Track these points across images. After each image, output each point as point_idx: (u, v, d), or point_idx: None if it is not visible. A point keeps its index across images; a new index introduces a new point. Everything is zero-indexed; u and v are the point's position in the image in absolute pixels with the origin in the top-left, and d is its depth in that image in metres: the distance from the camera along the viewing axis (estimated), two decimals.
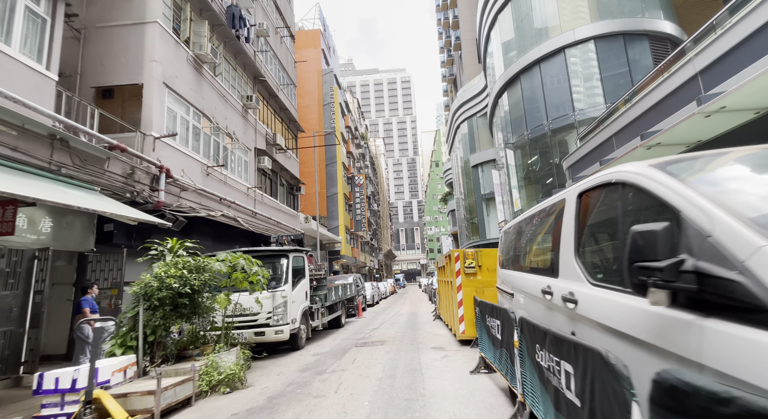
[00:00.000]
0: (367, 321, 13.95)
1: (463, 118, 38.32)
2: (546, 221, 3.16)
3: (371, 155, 59.96)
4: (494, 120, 29.33)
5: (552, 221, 2.93)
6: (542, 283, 2.91)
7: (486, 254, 8.10)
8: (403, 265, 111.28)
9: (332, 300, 11.32)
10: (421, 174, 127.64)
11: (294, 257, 8.93)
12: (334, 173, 34.45)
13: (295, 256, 9.00)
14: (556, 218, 2.83)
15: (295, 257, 8.99)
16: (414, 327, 11.44)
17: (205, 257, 6.19)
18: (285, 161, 18.09)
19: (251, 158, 14.45)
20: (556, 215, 2.84)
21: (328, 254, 32.85)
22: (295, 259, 9.07)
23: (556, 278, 2.68)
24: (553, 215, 2.93)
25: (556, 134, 21.35)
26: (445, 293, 10.45)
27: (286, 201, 18.48)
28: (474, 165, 36.29)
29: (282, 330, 8.01)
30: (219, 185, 11.85)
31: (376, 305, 23.29)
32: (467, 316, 7.86)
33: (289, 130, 19.38)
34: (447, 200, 57.05)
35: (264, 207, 15.22)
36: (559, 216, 2.75)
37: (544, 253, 3.03)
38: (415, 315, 15.36)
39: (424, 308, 18.03)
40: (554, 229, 2.83)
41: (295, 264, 9.17)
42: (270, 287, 8.17)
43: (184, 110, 10.38)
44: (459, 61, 47.46)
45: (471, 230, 37.33)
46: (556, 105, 21.18)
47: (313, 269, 11.06)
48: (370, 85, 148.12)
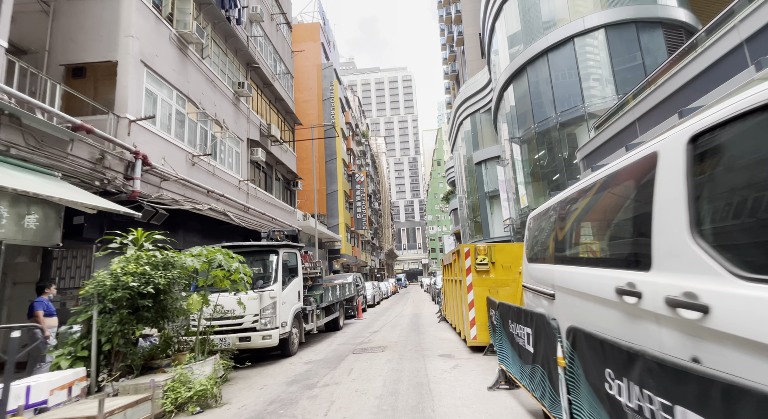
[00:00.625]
0: (367, 323, 13.04)
1: (466, 114, 37.44)
2: (614, 193, 2.23)
3: (372, 153, 59.07)
4: (499, 115, 28.43)
5: (630, 191, 2.00)
6: (616, 279, 1.99)
7: (500, 250, 7.18)
8: (404, 265, 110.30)
9: (329, 301, 10.42)
10: (423, 173, 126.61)
11: (285, 254, 8.01)
12: (334, 170, 33.54)
13: (286, 252, 8.09)
14: (639, 185, 1.91)
15: (286, 253, 8.08)
16: (418, 330, 10.52)
17: (176, 252, 5.29)
18: (281, 155, 17.19)
19: (243, 149, 13.55)
20: (638, 181, 1.92)
21: (327, 253, 31.94)
22: (287, 256, 8.16)
23: (646, 272, 1.76)
24: (631, 181, 2.01)
25: (565, 127, 20.44)
26: (452, 294, 9.54)
27: (282, 196, 17.58)
28: (477, 162, 35.41)
29: (270, 334, 7.10)
30: (206, 176, 10.95)
31: (377, 305, 22.39)
32: (479, 319, 6.94)
33: (285, 122, 18.49)
34: (449, 198, 56.20)
35: (258, 202, 14.32)
36: (644, 181, 1.84)
37: (616, 237, 2.11)
38: (418, 316, 14.45)
39: (427, 309, 17.11)
40: (636, 200, 1.91)
41: (287, 261, 8.26)
42: (257, 287, 7.26)
43: (166, 93, 9.48)
44: (461, 57, 46.59)
45: (474, 228, 36.45)
46: (565, 97, 20.27)
47: (308, 267, 10.16)
48: (371, 84, 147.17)
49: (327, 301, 10.26)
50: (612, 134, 11.18)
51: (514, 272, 7.04)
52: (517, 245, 7.29)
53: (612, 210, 2.20)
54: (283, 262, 7.96)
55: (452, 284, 9.34)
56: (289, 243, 8.16)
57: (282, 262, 7.76)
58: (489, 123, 35.24)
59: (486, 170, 35.30)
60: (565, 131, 20.42)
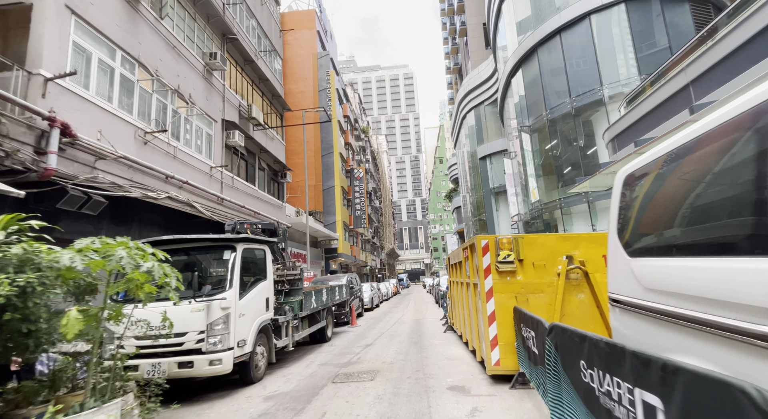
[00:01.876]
0: (361, 332, 11.19)
1: (470, 107, 35.60)
2: None
3: (373, 150, 57.26)
4: (506, 104, 26.56)
5: None
6: None
7: (530, 243, 5.31)
8: (406, 265, 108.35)
9: (311, 309, 8.57)
10: (425, 172, 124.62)
11: (245, 250, 6.16)
12: (331, 165, 31.71)
13: (247, 248, 6.24)
14: None
15: (246, 250, 6.22)
16: (420, 343, 8.66)
17: (47, 247, 3.44)
18: (266, 142, 15.36)
19: (217, 131, 11.72)
20: None
21: (324, 253, 30.12)
22: (248, 253, 6.31)
23: None
24: None
25: (581, 113, 18.53)
26: (461, 300, 7.68)
27: (268, 188, 15.75)
28: (482, 157, 33.59)
29: (220, 358, 5.26)
30: (165, 158, 9.13)
31: (376, 308, 20.54)
32: (503, 337, 5.08)
33: (272, 107, 16.66)
34: (452, 197, 54.42)
35: (236, 193, 12.50)
36: None
37: None
38: (420, 323, 12.59)
39: (430, 314, 15.25)
40: None
41: (250, 261, 6.42)
42: (203, 295, 5.42)
43: (105, 52, 7.65)
44: (464, 49, 44.82)
45: (479, 227, 34.59)
46: (581, 80, 18.38)
47: (282, 267, 8.33)
48: (372, 82, 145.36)
49: (309, 309, 8.41)
50: (651, 108, 9.28)
51: (550, 273, 5.17)
52: (553, 237, 5.42)
53: None
54: (244, 261, 6.12)
55: (462, 288, 7.48)
56: (249, 236, 6.29)
57: (240, 262, 5.91)
58: (494, 116, 33.48)
59: (491, 165, 33.53)
60: (581, 117, 18.53)
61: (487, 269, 5.30)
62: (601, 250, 5.14)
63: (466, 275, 6.86)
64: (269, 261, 6.88)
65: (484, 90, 33.77)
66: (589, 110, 18.38)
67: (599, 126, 17.94)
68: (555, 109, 19.59)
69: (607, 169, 9.27)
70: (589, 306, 5.03)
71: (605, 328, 4.84)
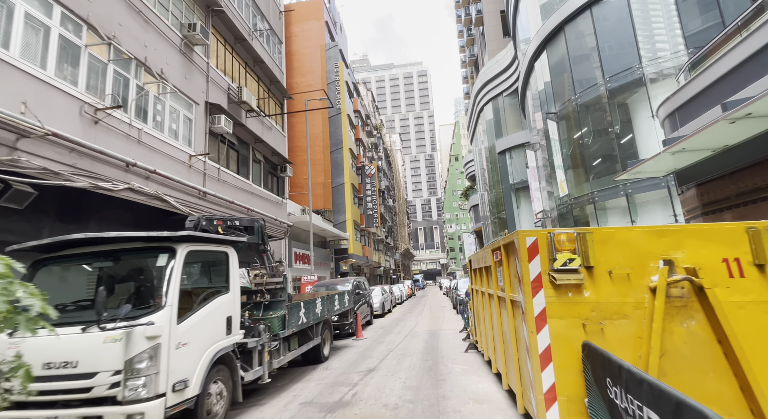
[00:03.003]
0: (366, 347, 9.46)
1: (487, 99, 33.53)
2: None
3: (386, 147, 55.55)
4: (528, 91, 24.45)
5: None
6: None
7: (604, 240, 3.44)
8: (422, 265, 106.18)
9: (300, 325, 6.88)
10: (440, 170, 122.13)
11: (192, 254, 4.48)
12: (340, 161, 30.11)
13: (194, 251, 4.54)
14: None
15: (194, 253, 4.53)
16: (435, 368, 6.86)
17: None
18: (263, 131, 13.81)
19: (199, 114, 10.18)
20: None
21: (333, 253, 28.55)
22: (198, 257, 4.64)
23: None
24: None
25: (616, 95, 16.35)
26: (488, 316, 5.85)
27: (265, 183, 14.19)
28: (501, 151, 31.54)
29: (142, 411, 3.60)
30: (125, 142, 7.59)
31: (388, 314, 18.77)
32: (567, 388, 3.25)
33: (270, 93, 15.10)
34: (468, 195, 52.34)
35: (223, 187, 10.95)
36: None
37: None
38: (436, 335, 10.76)
39: (448, 323, 13.38)
40: None
41: (199, 267, 4.75)
42: (116, 318, 3.76)
43: (36, 4, 6.14)
44: (481, 39, 42.72)
45: (497, 225, 32.47)
46: (616, 57, 16.21)
47: (264, 273, 6.67)
48: (386, 81, 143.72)
49: (295, 325, 6.71)
50: (735, 64, 7.22)
51: (637, 288, 3.31)
52: (639, 231, 3.51)
53: None
54: (192, 269, 4.46)
55: (490, 303, 5.66)
56: (197, 235, 4.57)
57: (181, 269, 4.23)
58: (513, 107, 31.37)
59: (511, 160, 31.44)
60: (616, 99, 16.34)
61: (537, 280, 3.47)
62: (722, 250, 3.25)
63: (497, 287, 5.03)
64: (233, 268, 5.19)
65: (502, 80, 31.72)
66: (626, 91, 16.18)
67: (638, 109, 15.78)
68: (585, 92, 17.47)
69: (674, 147, 7.29)
70: (706, 342, 3.14)
71: (740, 384, 2.95)
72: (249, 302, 6.58)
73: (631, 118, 16.13)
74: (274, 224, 14.21)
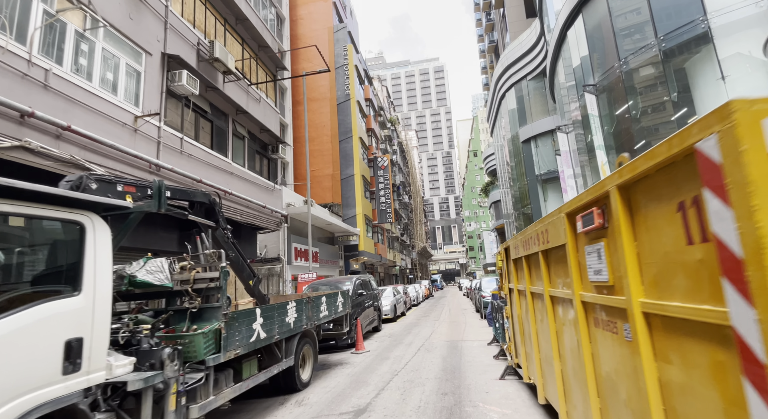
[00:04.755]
0: (364, 367, 7.11)
1: (510, 84, 30.72)
2: None
3: (401, 141, 53.11)
4: (558, 66, 21.64)
5: None
6: None
7: None
8: (440, 265, 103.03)
9: (252, 343, 4.57)
10: (458, 167, 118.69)
11: None
12: (350, 151, 27.86)
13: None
14: None
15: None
16: (460, 406, 4.44)
17: None
18: (248, 103, 11.63)
19: (151, 67, 8.02)
20: None
21: (343, 250, 26.33)
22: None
23: None
24: None
25: (672, 56, 13.46)
26: (547, 329, 3.40)
27: (250, 164, 12.00)
28: (525, 140, 28.77)
29: None
30: (20, 84, 5.46)
31: (401, 318, 16.35)
32: None
33: (258, 60, 12.92)
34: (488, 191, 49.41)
35: (188, 162, 8.79)
36: None
37: None
38: (457, 348, 8.29)
39: (471, 331, 10.85)
40: None
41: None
42: None
43: None
44: (501, 23, 39.86)
45: (522, 221, 29.62)
46: (672, 11, 13.33)
47: (188, 266, 4.38)
48: (401, 78, 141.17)
49: (243, 345, 4.39)
50: None
51: None
52: None
53: None
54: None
55: (557, 313, 3.22)
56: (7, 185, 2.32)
57: None
58: (539, 91, 28.52)
59: (537, 149, 28.58)
60: (672, 62, 13.47)
61: None
62: None
63: (578, 283, 2.58)
64: (97, 252, 2.91)
65: (526, 62, 28.93)
66: (686, 51, 13.26)
67: (700, 72, 12.93)
68: (632, 57, 14.63)
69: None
70: None
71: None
72: (168, 309, 4.32)
73: (689, 83, 13.25)
74: (263, 213, 12.02)
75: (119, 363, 3.20)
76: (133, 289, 4.29)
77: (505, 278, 5.82)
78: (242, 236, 12.12)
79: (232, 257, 6.00)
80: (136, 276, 4.16)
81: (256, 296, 6.67)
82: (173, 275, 4.36)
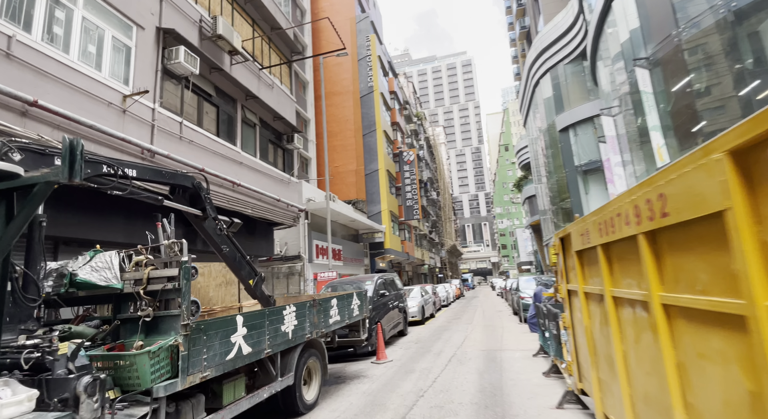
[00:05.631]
0: (383, 384, 5.95)
1: (544, 69, 28.60)
2: None
3: (428, 137, 51.52)
4: (600, 44, 19.66)
5: None
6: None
7: None
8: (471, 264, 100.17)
9: (228, 361, 3.52)
10: (488, 163, 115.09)
11: None
12: (374, 145, 26.77)
13: None
14: None
15: None
16: None
17: None
18: (259, 88, 10.76)
19: (144, 43, 7.22)
20: None
21: (368, 248, 25.30)
22: None
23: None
24: None
25: (744, 19, 11.52)
26: (644, 351, 2.12)
27: (263, 154, 11.12)
28: (563, 128, 26.63)
29: None
30: None
31: (430, 320, 15.07)
32: None
33: (271, 43, 12.05)
34: (521, 185, 46.90)
35: (189, 148, 7.96)
36: None
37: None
38: (496, 362, 6.95)
39: (511, 338, 9.43)
40: None
41: None
42: None
43: None
44: (533, 6, 37.56)
45: (561, 216, 27.44)
46: None
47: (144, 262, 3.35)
48: (428, 74, 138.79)
49: (213, 364, 3.34)
50: None
51: None
52: None
53: None
54: None
55: (663, 335, 1.93)
56: None
57: None
58: (577, 75, 26.31)
59: (576, 137, 26.39)
60: (743, 26, 11.47)
61: None
62: None
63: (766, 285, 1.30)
64: None
65: (562, 45, 26.78)
66: (762, 10, 11.20)
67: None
68: (693, 22, 12.63)
69: None
70: None
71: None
72: (117, 317, 3.32)
73: (765, 47, 11.17)
74: (277, 207, 11.12)
75: (13, 398, 2.20)
76: (75, 291, 3.33)
77: (561, 276, 4.47)
78: (257, 232, 11.27)
79: (227, 252, 5.02)
80: (77, 275, 3.19)
81: (259, 298, 5.67)
82: (125, 274, 3.37)
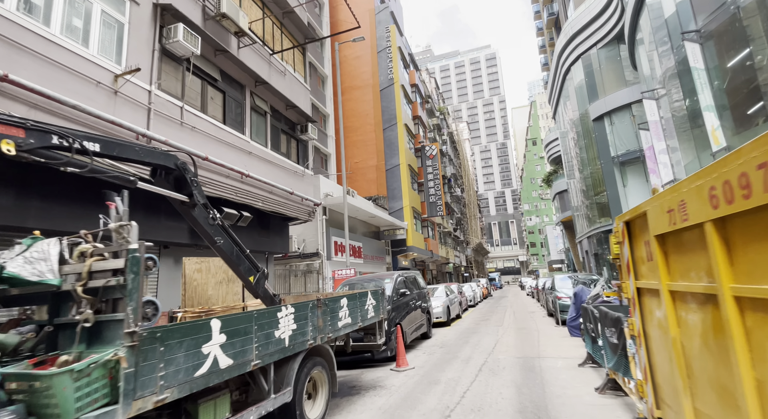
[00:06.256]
0: (401, 398, 5.10)
1: (576, 55, 26.82)
2: None
3: (451, 132, 50.10)
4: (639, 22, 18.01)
5: None
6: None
7: None
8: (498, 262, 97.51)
9: (201, 380, 2.78)
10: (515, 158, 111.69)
11: None
12: (394, 139, 25.88)
13: None
14: None
15: None
16: None
17: None
18: (270, 74, 10.12)
19: (139, 19, 6.66)
20: None
21: (390, 246, 24.46)
22: None
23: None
24: None
25: None
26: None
27: (274, 144, 10.48)
28: (597, 117, 24.87)
29: None
30: None
31: (456, 322, 14.07)
32: None
33: (283, 27, 11.41)
34: (551, 180, 44.70)
35: (191, 136, 7.37)
36: None
37: None
38: (536, 371, 5.95)
39: (549, 343, 8.34)
40: None
41: None
42: None
43: None
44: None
45: (596, 211, 25.63)
46: None
47: (89, 251, 2.63)
48: (451, 70, 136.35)
49: (168, 386, 2.60)
50: None
51: None
52: None
53: None
54: None
55: None
56: None
57: None
58: (612, 60, 24.52)
59: (612, 126, 24.59)
60: None
61: None
62: None
63: None
64: None
65: (595, 29, 25.01)
66: None
67: None
68: None
69: None
70: None
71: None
72: (54, 322, 2.63)
73: None
74: (291, 201, 10.46)
75: None
76: (8, 288, 2.66)
77: (627, 271, 3.46)
78: (271, 228, 10.67)
79: (221, 244, 4.35)
80: (4, 267, 2.51)
81: (261, 297, 4.98)
82: (66, 267, 2.67)
